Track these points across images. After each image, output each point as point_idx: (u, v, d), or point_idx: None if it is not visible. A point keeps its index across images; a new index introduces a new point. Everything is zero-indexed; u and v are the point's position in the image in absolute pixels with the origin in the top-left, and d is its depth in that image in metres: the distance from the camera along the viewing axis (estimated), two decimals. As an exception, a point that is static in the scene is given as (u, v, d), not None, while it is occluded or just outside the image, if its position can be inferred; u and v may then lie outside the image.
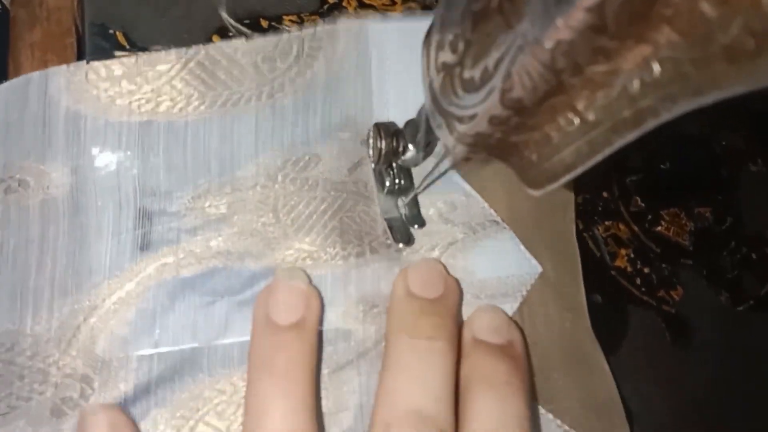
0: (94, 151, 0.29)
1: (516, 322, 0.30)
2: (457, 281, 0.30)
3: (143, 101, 0.29)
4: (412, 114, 0.29)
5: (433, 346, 0.26)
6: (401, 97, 0.32)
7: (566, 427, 0.30)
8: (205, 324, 0.28)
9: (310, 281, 0.28)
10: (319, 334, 0.28)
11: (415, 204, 0.32)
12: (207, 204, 0.30)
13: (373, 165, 0.32)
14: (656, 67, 0.15)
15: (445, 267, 0.30)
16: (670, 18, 0.14)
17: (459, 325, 0.29)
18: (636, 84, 0.16)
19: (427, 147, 0.29)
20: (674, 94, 0.15)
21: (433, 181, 0.30)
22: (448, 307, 0.28)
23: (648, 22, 0.15)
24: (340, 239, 0.30)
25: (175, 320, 0.28)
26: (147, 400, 0.27)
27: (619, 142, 0.17)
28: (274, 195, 0.30)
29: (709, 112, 0.15)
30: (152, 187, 0.29)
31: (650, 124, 0.16)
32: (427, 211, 0.32)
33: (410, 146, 0.30)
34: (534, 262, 0.31)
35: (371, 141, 0.31)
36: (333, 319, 0.29)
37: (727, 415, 0.34)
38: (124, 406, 0.27)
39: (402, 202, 0.32)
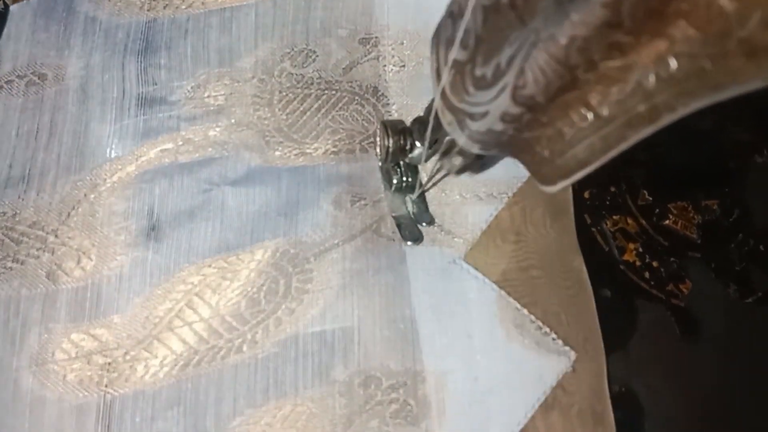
0: (105, 49, 0.33)
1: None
2: None
3: (153, 2, 0.33)
4: (411, 19, 0.31)
5: None
6: (402, 1, 0.34)
7: (539, 323, 0.29)
8: (201, 208, 0.30)
9: None
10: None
11: (422, 201, 0.32)
12: (206, 95, 0.32)
13: (380, 163, 0.32)
14: (673, 62, 0.15)
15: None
16: (687, 13, 0.14)
17: None
18: (652, 79, 0.16)
19: (435, 144, 0.29)
20: (691, 90, 0.15)
21: (441, 178, 0.30)
22: None
23: (664, 17, 0.15)
24: (332, 137, 0.31)
25: (172, 203, 0.30)
26: (144, 275, 0.29)
27: (634, 138, 0.17)
28: (270, 89, 0.32)
29: (714, 105, 0.15)
30: (154, 78, 0.32)
31: (666, 120, 0.16)
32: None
33: (417, 144, 0.30)
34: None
35: (378, 139, 0.31)
36: (324, 206, 0.30)
37: (735, 408, 0.34)
38: (121, 280, 0.28)
39: (410, 199, 0.32)
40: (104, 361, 0.27)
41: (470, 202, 0.31)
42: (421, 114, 0.30)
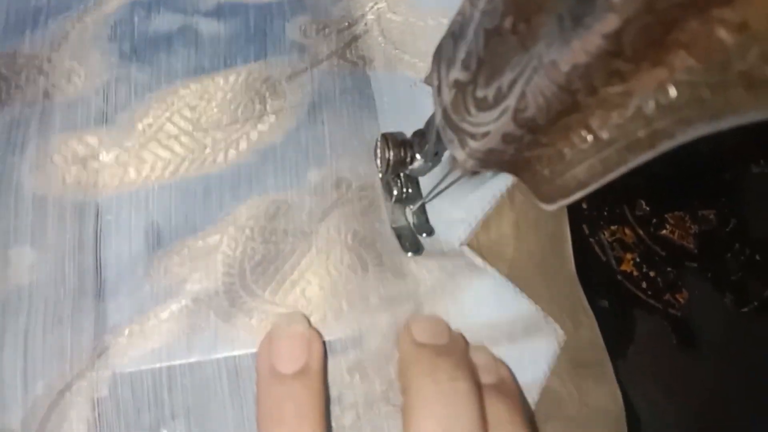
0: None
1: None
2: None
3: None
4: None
5: (457, 386, 0.25)
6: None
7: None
8: (177, 36, 0.32)
9: (309, 324, 0.28)
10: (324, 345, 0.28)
11: (422, 212, 0.32)
12: None
13: (380, 175, 0.32)
14: (672, 91, 0.15)
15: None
16: (687, 44, 0.14)
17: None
18: (651, 105, 0.16)
19: (435, 157, 0.29)
20: (690, 118, 0.15)
21: (442, 191, 0.31)
22: (461, 349, 0.28)
23: (664, 46, 0.15)
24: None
25: (152, 30, 0.33)
26: (128, 91, 0.31)
27: (633, 162, 0.17)
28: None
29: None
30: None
31: (665, 146, 0.16)
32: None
33: (418, 156, 0.30)
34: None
35: (379, 151, 0.31)
36: (290, 35, 0.33)
37: (733, 416, 0.34)
38: (108, 94, 0.31)
39: (410, 210, 0.32)
40: (98, 166, 0.30)
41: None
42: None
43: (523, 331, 0.31)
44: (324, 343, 0.28)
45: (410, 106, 0.33)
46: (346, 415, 0.28)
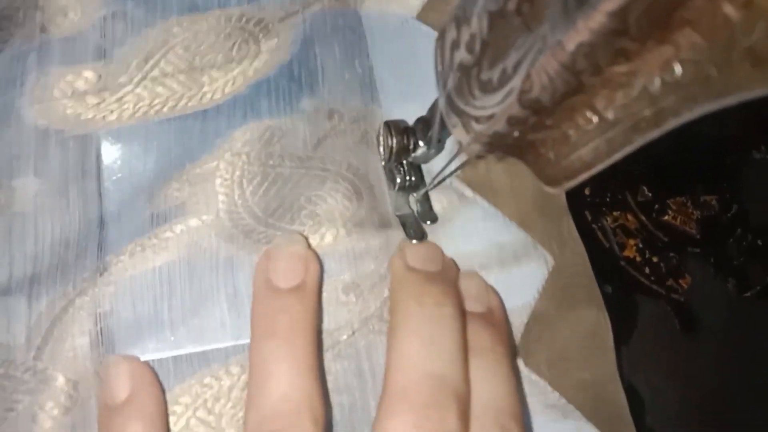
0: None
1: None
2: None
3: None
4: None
5: (442, 311, 0.26)
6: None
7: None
8: None
9: (309, 245, 0.29)
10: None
11: (426, 200, 0.32)
12: None
13: (383, 162, 0.32)
14: (678, 68, 0.15)
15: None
16: (692, 21, 0.15)
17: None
18: (657, 84, 0.16)
19: (438, 143, 0.29)
20: (696, 95, 0.15)
21: (445, 177, 0.31)
22: (451, 278, 0.29)
23: (670, 24, 0.15)
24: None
25: None
26: (125, 26, 0.31)
27: (639, 141, 0.18)
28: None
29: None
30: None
31: (671, 124, 0.16)
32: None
33: (421, 143, 0.30)
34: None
35: (381, 139, 0.31)
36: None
37: (735, 400, 0.35)
38: (105, 29, 0.31)
39: (413, 198, 0.32)
40: (97, 100, 0.30)
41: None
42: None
43: (512, 257, 0.32)
44: (321, 264, 0.28)
45: (402, 43, 0.34)
46: (341, 332, 0.29)
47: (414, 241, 0.31)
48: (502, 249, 0.32)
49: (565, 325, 0.32)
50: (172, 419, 0.27)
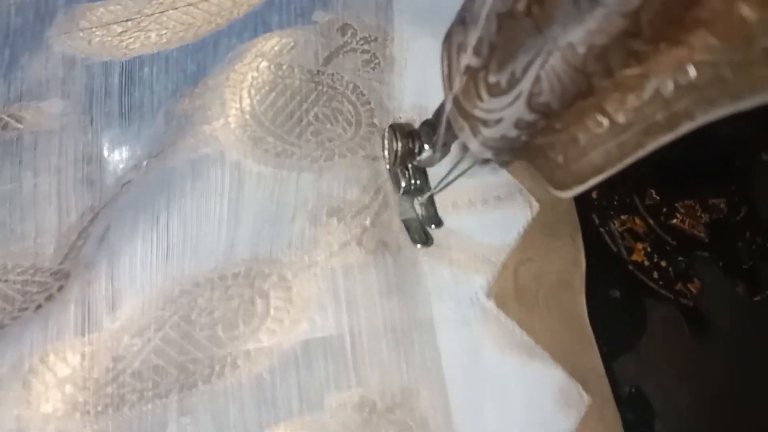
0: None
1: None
2: None
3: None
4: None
5: None
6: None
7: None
8: None
9: None
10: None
11: (431, 204, 0.32)
12: None
13: (388, 166, 0.31)
14: (692, 71, 0.15)
15: None
16: (708, 21, 0.14)
17: None
18: (670, 87, 0.16)
19: (444, 147, 0.29)
20: (711, 98, 0.15)
21: (451, 182, 0.30)
22: None
23: (684, 25, 0.15)
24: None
25: None
26: None
27: (652, 145, 0.17)
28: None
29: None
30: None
31: (685, 128, 0.16)
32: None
33: (426, 147, 0.30)
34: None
35: (386, 142, 0.31)
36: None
37: (746, 405, 0.34)
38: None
39: (418, 202, 0.32)
40: (121, 30, 0.33)
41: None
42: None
43: (497, 197, 0.32)
44: None
45: None
46: (319, 252, 0.30)
47: (418, 246, 0.30)
48: (486, 188, 0.32)
49: (541, 268, 0.32)
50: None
